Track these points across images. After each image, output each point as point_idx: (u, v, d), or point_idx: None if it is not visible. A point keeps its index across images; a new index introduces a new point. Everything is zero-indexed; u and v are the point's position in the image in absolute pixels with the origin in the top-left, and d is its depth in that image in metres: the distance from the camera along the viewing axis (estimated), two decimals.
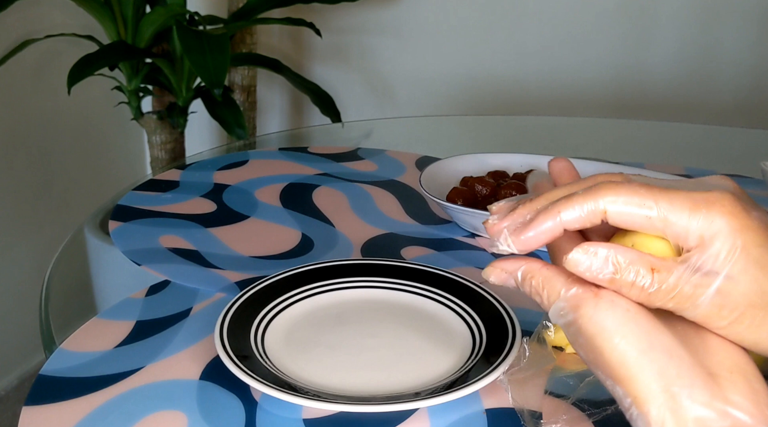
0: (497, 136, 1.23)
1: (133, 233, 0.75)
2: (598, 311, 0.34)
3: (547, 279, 0.37)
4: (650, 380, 0.32)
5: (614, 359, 0.33)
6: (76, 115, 1.80)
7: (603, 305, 0.34)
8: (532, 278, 0.37)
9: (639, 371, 0.32)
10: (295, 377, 0.51)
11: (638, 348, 0.33)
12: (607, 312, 0.34)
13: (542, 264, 0.38)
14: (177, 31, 1.35)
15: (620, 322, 0.33)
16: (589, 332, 0.34)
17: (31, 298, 1.69)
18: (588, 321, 0.34)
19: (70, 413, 0.49)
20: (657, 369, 0.32)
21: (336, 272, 0.63)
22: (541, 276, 0.37)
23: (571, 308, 0.35)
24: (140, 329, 0.58)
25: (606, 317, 0.34)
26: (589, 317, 0.34)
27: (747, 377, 0.33)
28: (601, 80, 1.77)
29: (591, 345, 0.34)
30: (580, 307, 0.34)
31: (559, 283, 0.36)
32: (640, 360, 0.32)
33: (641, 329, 0.33)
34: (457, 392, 0.47)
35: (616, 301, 0.34)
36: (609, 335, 0.33)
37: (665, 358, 0.32)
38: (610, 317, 0.34)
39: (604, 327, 0.33)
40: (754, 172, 0.94)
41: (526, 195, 0.41)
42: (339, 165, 0.96)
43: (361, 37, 1.92)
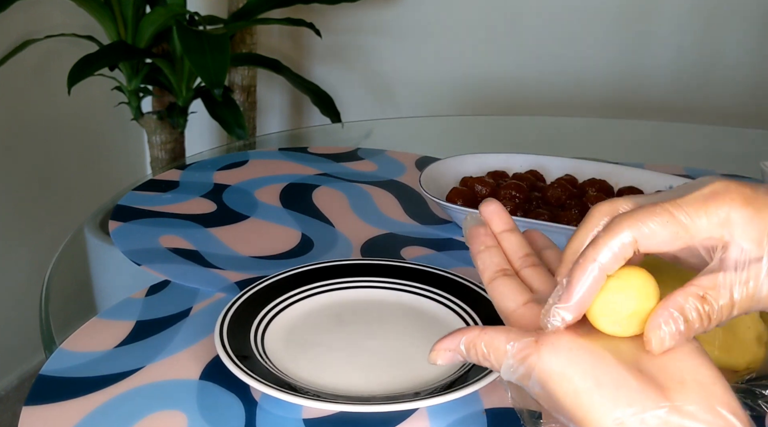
0: (497, 137, 1.23)
1: (133, 233, 0.75)
2: (541, 359, 0.34)
3: (490, 341, 0.36)
4: (603, 416, 0.32)
5: (566, 400, 0.33)
6: (76, 115, 1.80)
7: (545, 350, 0.34)
8: (474, 346, 0.37)
9: (591, 408, 0.32)
10: (295, 377, 0.51)
11: (585, 386, 0.33)
12: (550, 357, 0.34)
13: (479, 329, 0.37)
14: (177, 31, 1.35)
15: (564, 364, 0.34)
16: (540, 380, 0.34)
17: (31, 298, 1.68)
18: (536, 370, 0.34)
19: (70, 413, 0.49)
20: (608, 403, 0.32)
21: (336, 272, 0.63)
22: (483, 340, 0.36)
23: (518, 361, 0.35)
24: (140, 329, 0.58)
25: (550, 361, 0.34)
26: (536, 364, 0.34)
27: (700, 381, 0.33)
28: (600, 80, 1.77)
29: (545, 392, 0.34)
30: (526, 358, 0.35)
31: (501, 342, 0.36)
32: (590, 397, 0.33)
33: (586, 366, 0.33)
34: (457, 392, 0.47)
35: (556, 343, 0.34)
36: (557, 379, 0.33)
37: (613, 390, 0.32)
38: (554, 361, 0.34)
39: (551, 372, 0.34)
40: (754, 173, 0.94)
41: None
42: (339, 165, 0.96)
43: (361, 37, 1.92)
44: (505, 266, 0.41)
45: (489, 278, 0.41)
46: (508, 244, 0.43)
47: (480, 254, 0.42)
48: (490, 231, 0.43)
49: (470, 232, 0.43)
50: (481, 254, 0.42)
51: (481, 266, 0.42)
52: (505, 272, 0.41)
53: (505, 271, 0.41)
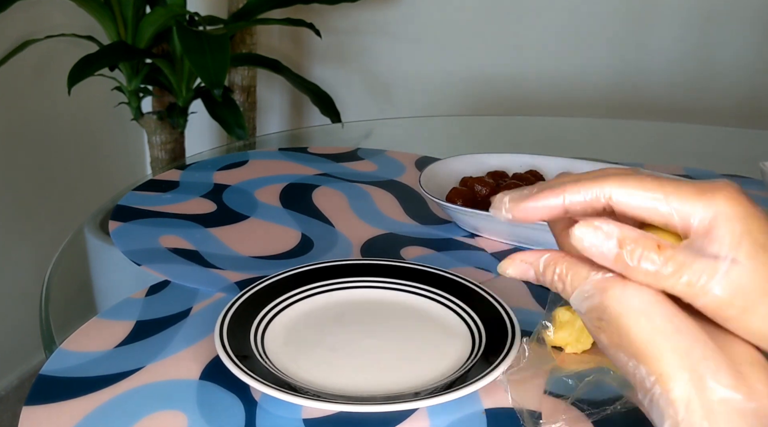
0: (497, 137, 1.23)
1: (133, 233, 0.75)
2: (626, 292, 0.34)
3: (572, 265, 0.37)
4: (676, 359, 0.32)
5: (640, 337, 0.33)
6: (76, 115, 1.80)
7: (631, 287, 0.34)
8: (556, 264, 0.37)
9: (665, 349, 0.32)
10: (294, 377, 0.51)
11: (665, 329, 0.33)
12: (635, 293, 0.34)
13: (565, 253, 0.38)
14: (177, 31, 1.35)
15: (648, 303, 0.33)
16: (615, 312, 0.34)
17: (31, 298, 1.69)
18: (615, 301, 0.34)
19: (70, 413, 0.49)
20: (683, 349, 0.32)
21: (336, 272, 0.63)
22: (566, 263, 0.37)
23: (599, 290, 0.35)
24: (140, 329, 0.58)
25: (634, 297, 0.34)
26: (617, 297, 0.34)
27: (767, 369, 0.33)
28: (600, 81, 1.77)
29: (616, 325, 0.34)
30: (608, 289, 0.34)
31: (584, 269, 0.36)
32: (667, 339, 0.32)
33: (668, 312, 0.33)
34: (457, 392, 0.47)
35: (642, 287, 0.34)
36: (636, 315, 0.33)
37: (691, 340, 0.32)
38: (638, 298, 0.34)
39: (631, 307, 0.34)
40: (754, 173, 0.94)
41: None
42: (339, 165, 0.96)
43: (360, 37, 1.92)
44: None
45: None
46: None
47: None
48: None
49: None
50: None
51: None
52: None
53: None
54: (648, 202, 0.34)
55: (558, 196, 0.36)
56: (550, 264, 0.37)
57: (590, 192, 0.35)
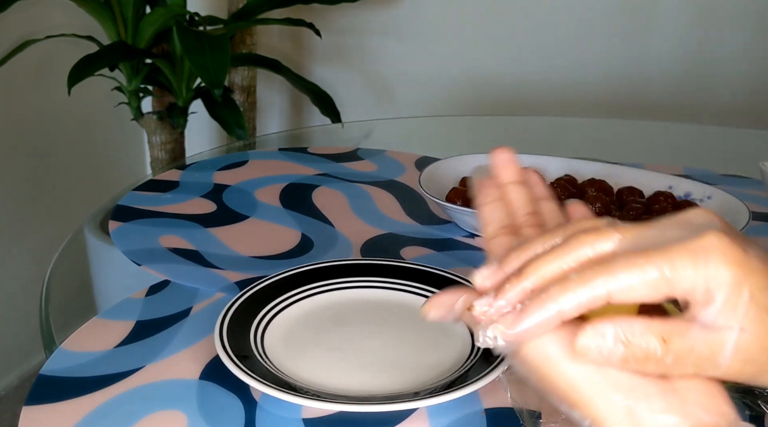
0: (497, 137, 1.23)
1: (133, 233, 0.75)
2: (541, 340, 0.32)
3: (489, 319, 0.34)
4: (605, 399, 0.31)
5: (565, 384, 0.32)
6: (76, 115, 1.80)
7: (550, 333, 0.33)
8: (472, 309, 0.35)
9: (592, 391, 0.31)
10: (294, 377, 0.51)
11: (587, 369, 0.32)
12: (550, 339, 0.32)
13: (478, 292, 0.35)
14: (177, 31, 1.35)
15: (565, 346, 0.32)
16: (535, 361, 0.33)
17: (31, 298, 1.69)
18: (533, 350, 0.33)
19: (70, 413, 0.49)
20: (610, 386, 0.31)
21: (336, 272, 0.63)
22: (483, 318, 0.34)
23: (515, 338, 0.33)
24: (140, 329, 0.58)
25: (550, 343, 0.32)
26: (533, 346, 0.33)
27: (702, 379, 0.32)
28: (600, 81, 1.77)
29: (539, 374, 0.33)
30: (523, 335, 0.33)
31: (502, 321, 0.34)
32: (592, 380, 0.31)
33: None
34: (456, 392, 0.48)
35: (556, 332, 0.33)
36: (556, 362, 0.32)
37: (615, 373, 0.31)
38: (554, 344, 0.32)
39: (549, 354, 0.32)
40: (753, 173, 0.94)
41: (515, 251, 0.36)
42: (339, 165, 0.96)
43: (360, 37, 1.92)
44: (507, 222, 0.40)
45: (490, 235, 0.40)
46: (513, 196, 0.41)
47: (484, 206, 0.41)
48: (497, 182, 0.42)
49: (478, 183, 0.42)
50: (485, 207, 0.41)
51: (484, 219, 0.41)
52: (508, 230, 0.40)
53: (507, 228, 0.40)
54: (648, 290, 0.31)
55: (550, 310, 0.32)
56: (466, 308, 0.35)
57: (585, 296, 0.32)
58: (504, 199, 0.41)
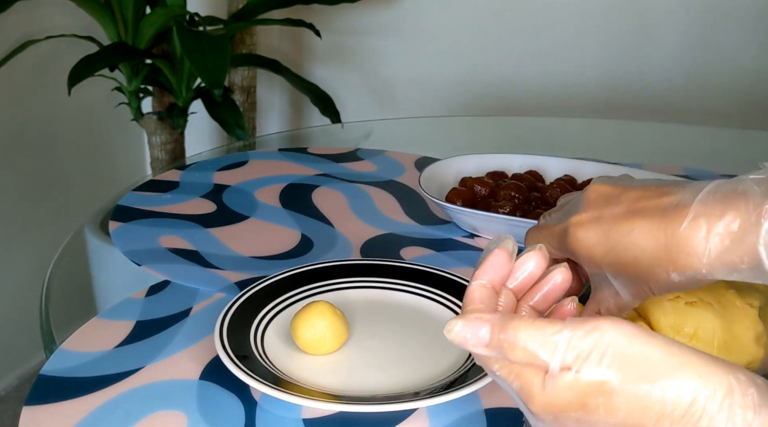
0: (496, 137, 1.23)
1: (134, 233, 0.75)
2: (618, 325, 0.33)
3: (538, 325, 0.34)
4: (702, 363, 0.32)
5: (661, 351, 0.32)
6: (76, 115, 1.80)
7: (618, 320, 0.33)
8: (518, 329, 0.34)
9: (690, 355, 0.32)
10: (294, 377, 0.51)
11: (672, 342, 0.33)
12: (625, 324, 0.33)
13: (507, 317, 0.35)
14: (177, 31, 1.35)
15: (640, 329, 0.33)
16: (621, 344, 0.32)
17: (31, 298, 1.69)
18: (615, 335, 0.32)
19: (70, 413, 0.49)
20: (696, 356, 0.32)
21: (335, 272, 0.63)
22: (531, 326, 0.34)
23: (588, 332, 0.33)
24: (140, 329, 0.58)
25: (627, 327, 0.33)
26: (614, 331, 0.32)
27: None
28: (599, 81, 1.77)
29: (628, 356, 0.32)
30: (598, 327, 0.33)
31: (554, 324, 0.34)
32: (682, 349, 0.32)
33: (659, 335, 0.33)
34: (456, 392, 0.48)
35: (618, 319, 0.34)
36: (646, 336, 0.32)
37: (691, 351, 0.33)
38: (630, 327, 0.33)
39: (635, 332, 0.32)
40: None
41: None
42: (338, 166, 0.96)
43: (360, 38, 1.92)
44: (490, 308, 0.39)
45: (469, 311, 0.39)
46: (504, 301, 0.40)
47: (480, 287, 0.39)
48: (507, 274, 0.40)
49: (496, 256, 0.39)
50: (480, 287, 0.39)
51: (470, 296, 0.39)
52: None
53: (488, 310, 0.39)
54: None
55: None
56: (510, 328, 0.35)
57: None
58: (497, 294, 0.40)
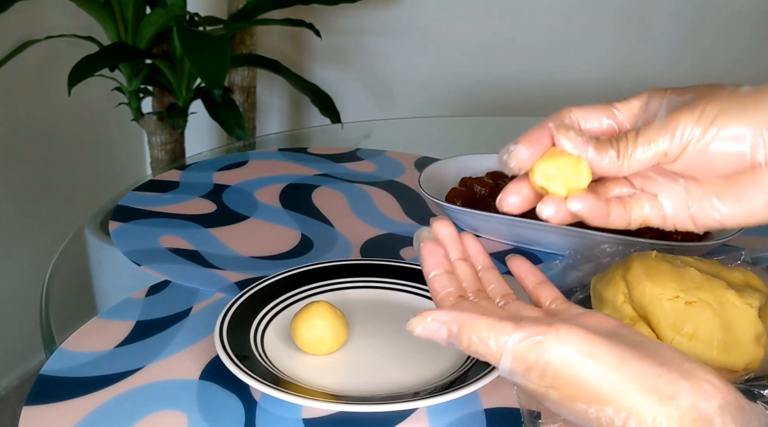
0: (496, 137, 1.23)
1: (134, 233, 0.75)
2: (561, 340, 0.33)
3: (492, 326, 0.35)
4: (637, 388, 0.32)
5: (595, 379, 0.33)
6: (76, 115, 1.80)
7: (563, 332, 0.33)
8: (473, 328, 0.35)
9: (623, 382, 0.32)
10: (294, 377, 0.51)
11: (612, 363, 0.33)
12: (571, 339, 0.33)
13: (479, 314, 0.36)
14: (177, 32, 1.35)
15: (586, 346, 0.33)
16: (558, 365, 0.33)
17: (31, 298, 1.68)
18: (555, 353, 0.33)
19: (70, 413, 0.49)
20: (638, 376, 0.32)
21: (335, 272, 0.63)
22: (485, 324, 0.35)
23: (534, 344, 0.34)
24: (140, 329, 0.59)
25: (571, 344, 0.33)
26: (555, 348, 0.33)
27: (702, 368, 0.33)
28: (598, 82, 1.77)
29: (565, 376, 0.33)
30: (543, 342, 0.33)
31: (507, 327, 0.35)
32: (620, 373, 0.32)
33: (606, 346, 0.33)
34: (456, 392, 0.48)
35: (573, 328, 0.34)
36: (581, 361, 0.33)
37: (638, 364, 0.33)
38: (575, 344, 0.33)
39: (572, 356, 0.33)
40: None
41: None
42: (338, 166, 0.96)
43: (360, 38, 1.92)
44: (457, 293, 0.42)
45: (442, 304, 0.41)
46: (461, 272, 0.43)
47: (434, 278, 0.42)
48: (445, 252, 0.43)
49: (426, 247, 0.43)
50: (435, 278, 0.42)
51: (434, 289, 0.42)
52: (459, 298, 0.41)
53: (458, 297, 0.41)
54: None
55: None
56: (466, 326, 0.35)
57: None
58: (453, 273, 0.43)
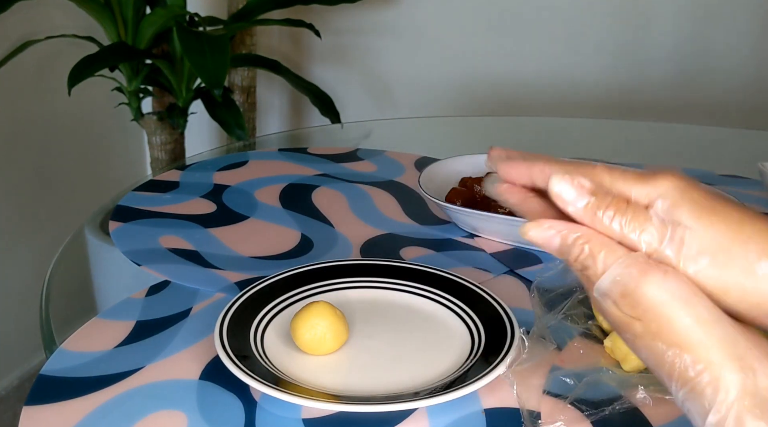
0: (496, 137, 1.23)
1: (134, 233, 0.75)
2: (667, 279, 0.33)
3: (606, 243, 0.35)
4: (725, 347, 0.32)
5: (684, 324, 0.33)
6: (76, 116, 1.80)
7: (671, 274, 0.34)
8: (588, 240, 0.36)
9: (713, 337, 0.32)
10: (294, 377, 0.51)
11: (708, 318, 0.33)
12: (675, 281, 0.33)
13: (599, 232, 0.36)
14: (177, 32, 1.35)
15: (689, 292, 0.33)
16: (656, 300, 0.33)
17: (31, 298, 1.69)
18: (655, 287, 0.33)
19: (70, 413, 0.49)
20: (729, 339, 0.32)
21: (335, 272, 0.63)
22: (599, 240, 0.35)
23: (636, 274, 0.34)
24: (140, 329, 0.59)
25: (675, 285, 0.33)
26: (657, 283, 0.33)
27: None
28: (599, 81, 1.77)
29: (655, 312, 0.33)
30: (647, 273, 0.34)
31: (620, 249, 0.35)
32: (713, 328, 0.32)
33: (708, 303, 0.33)
34: (456, 392, 0.48)
35: (680, 275, 0.34)
36: (679, 303, 0.33)
37: (733, 331, 0.32)
38: (679, 286, 0.33)
39: (673, 294, 0.33)
40: (752, 173, 0.94)
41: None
42: (338, 166, 0.96)
43: (360, 38, 1.92)
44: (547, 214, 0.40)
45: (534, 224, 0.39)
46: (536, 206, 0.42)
47: (522, 203, 0.41)
48: (517, 187, 0.42)
49: (498, 189, 0.42)
50: (524, 202, 0.41)
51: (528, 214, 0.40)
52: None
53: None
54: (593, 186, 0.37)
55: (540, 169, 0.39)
56: (581, 237, 0.36)
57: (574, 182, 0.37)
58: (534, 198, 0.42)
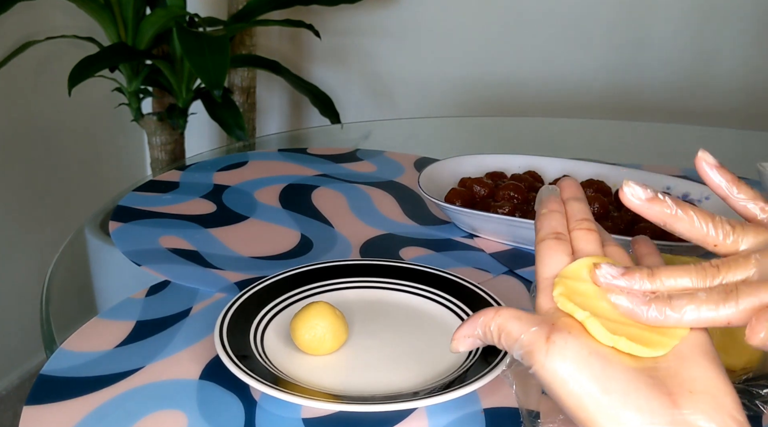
0: (495, 138, 1.23)
1: (134, 233, 0.75)
2: (549, 359, 0.34)
3: (502, 326, 0.36)
4: (608, 421, 0.32)
5: (572, 403, 0.33)
6: (76, 116, 1.80)
7: (553, 351, 0.34)
8: (488, 328, 0.37)
9: (596, 412, 0.33)
10: (294, 377, 0.51)
11: (592, 391, 0.33)
12: (558, 358, 0.34)
13: (494, 311, 0.37)
14: (177, 32, 1.35)
15: (572, 368, 0.33)
16: (545, 380, 0.34)
17: (32, 298, 1.69)
18: (541, 369, 0.34)
19: (70, 413, 0.49)
20: (615, 408, 0.32)
21: (335, 272, 0.64)
22: (496, 324, 0.37)
23: (526, 355, 0.35)
24: (140, 329, 0.59)
25: (557, 364, 0.34)
26: (542, 365, 0.34)
27: (711, 392, 0.33)
28: (598, 82, 1.77)
29: (549, 390, 0.34)
30: (533, 354, 0.34)
31: (514, 328, 0.36)
32: (596, 402, 0.33)
33: (595, 370, 0.33)
34: (456, 392, 0.48)
35: (566, 345, 0.34)
36: (562, 382, 0.33)
37: (621, 396, 0.33)
38: (561, 364, 0.34)
39: (556, 375, 0.34)
40: (751, 174, 0.94)
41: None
42: (338, 166, 0.96)
43: (360, 38, 1.92)
44: (560, 229, 0.41)
45: (539, 239, 0.41)
46: (570, 209, 0.43)
47: (541, 216, 0.42)
48: (560, 200, 0.43)
49: (542, 199, 0.43)
50: (542, 216, 0.42)
51: (537, 226, 0.42)
52: (557, 236, 0.40)
53: (557, 234, 0.41)
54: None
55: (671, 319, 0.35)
56: (486, 329, 0.37)
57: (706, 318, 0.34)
58: (562, 212, 0.43)
